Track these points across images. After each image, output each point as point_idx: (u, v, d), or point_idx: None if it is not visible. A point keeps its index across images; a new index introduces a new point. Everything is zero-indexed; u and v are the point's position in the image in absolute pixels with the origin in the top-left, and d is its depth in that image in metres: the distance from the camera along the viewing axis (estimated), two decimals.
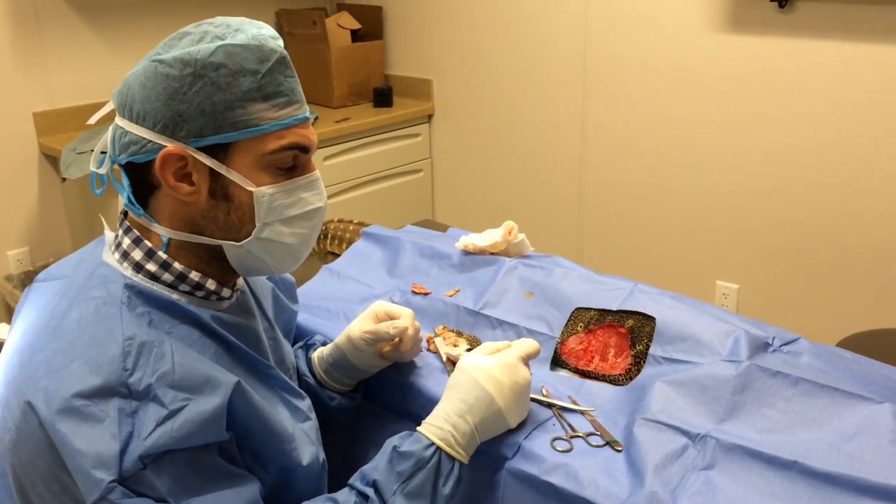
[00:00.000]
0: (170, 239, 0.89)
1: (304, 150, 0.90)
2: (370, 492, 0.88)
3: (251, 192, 0.87)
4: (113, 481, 0.74)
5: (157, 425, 0.77)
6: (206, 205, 0.87)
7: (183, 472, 0.78)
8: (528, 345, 1.02)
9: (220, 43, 0.84)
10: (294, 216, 0.90)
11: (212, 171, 0.86)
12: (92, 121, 1.02)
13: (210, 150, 0.85)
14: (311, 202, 0.92)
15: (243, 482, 0.84)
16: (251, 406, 0.86)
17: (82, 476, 0.74)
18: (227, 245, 0.90)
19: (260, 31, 0.88)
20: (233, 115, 0.84)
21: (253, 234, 0.89)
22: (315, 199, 0.93)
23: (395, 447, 0.91)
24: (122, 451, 0.75)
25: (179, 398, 0.79)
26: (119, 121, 0.88)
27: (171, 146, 0.84)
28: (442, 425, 0.93)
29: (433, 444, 0.91)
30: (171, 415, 0.78)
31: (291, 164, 0.90)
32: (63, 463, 0.75)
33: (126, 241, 0.89)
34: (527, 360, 1.01)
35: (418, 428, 0.94)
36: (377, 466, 0.90)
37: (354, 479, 0.91)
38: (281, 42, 0.89)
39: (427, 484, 0.89)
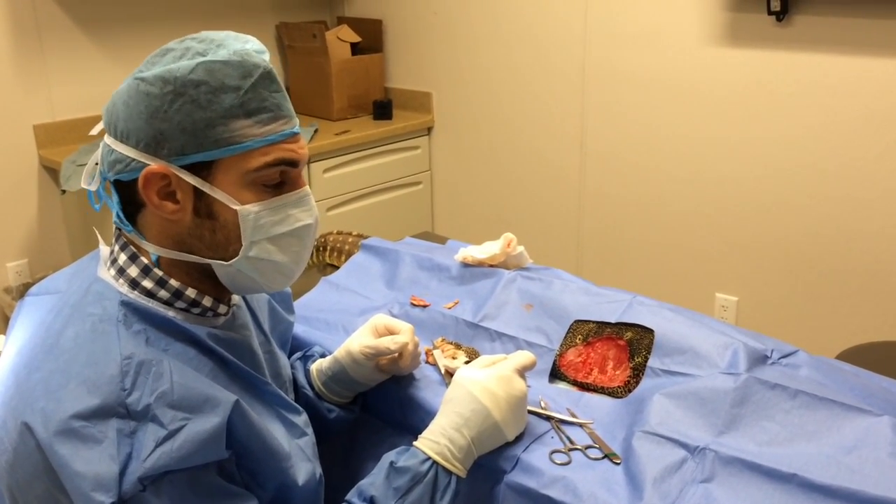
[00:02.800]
0: (159, 256, 0.88)
1: (292, 164, 0.88)
2: None
3: (236, 210, 0.86)
4: (112, 503, 0.73)
5: (157, 446, 0.76)
6: (192, 223, 0.86)
7: (182, 492, 0.78)
8: (523, 357, 1.02)
9: (201, 60, 0.83)
10: (282, 234, 0.89)
11: (196, 190, 0.85)
12: (94, 131, 1.01)
13: (193, 168, 0.84)
14: (299, 219, 0.90)
15: (241, 501, 0.83)
16: (250, 424, 0.85)
17: (81, 498, 0.73)
18: (216, 264, 0.89)
19: (244, 46, 0.87)
20: (214, 133, 0.83)
21: (241, 252, 0.88)
22: (304, 216, 0.90)
23: (391, 462, 0.91)
24: (122, 473, 0.74)
25: (178, 418, 0.78)
26: (106, 138, 0.87)
27: (153, 165, 0.83)
28: (438, 439, 0.93)
29: (429, 458, 0.91)
30: (171, 435, 0.77)
31: (279, 181, 0.88)
32: (61, 484, 0.75)
33: (122, 258, 0.89)
34: (522, 371, 1.01)
35: (415, 443, 0.94)
36: (374, 482, 0.90)
37: (352, 495, 0.91)
38: (267, 56, 0.88)
39: (424, 498, 0.89)
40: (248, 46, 0.87)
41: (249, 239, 0.87)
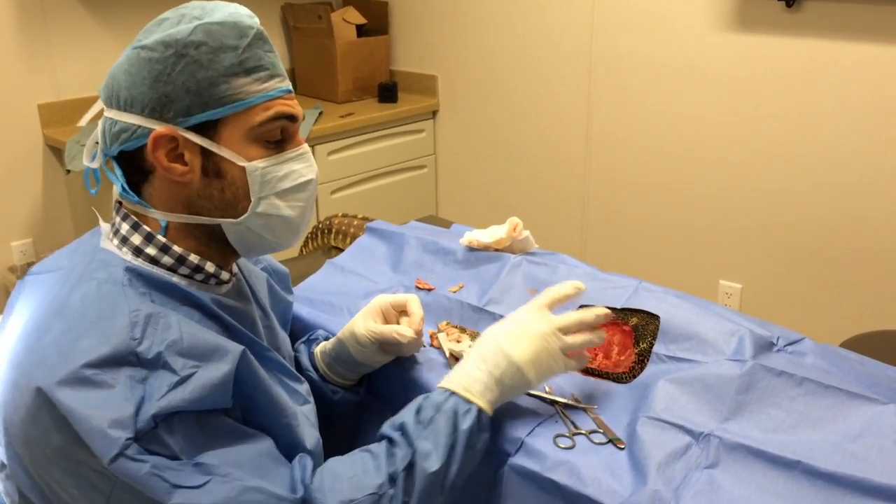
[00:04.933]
0: (168, 223, 0.90)
1: (291, 119, 0.91)
2: (396, 435, 0.91)
3: (243, 167, 0.88)
4: (129, 439, 0.74)
5: (169, 389, 0.78)
6: (201, 184, 0.89)
7: (192, 430, 0.79)
8: (553, 292, 1.04)
9: (199, 22, 0.86)
10: (287, 188, 0.91)
11: (203, 150, 0.87)
12: (82, 122, 1.03)
13: (199, 129, 0.87)
14: (303, 174, 0.93)
15: (256, 439, 0.85)
16: (256, 377, 0.87)
17: (98, 436, 0.74)
18: (226, 223, 0.91)
19: (236, 10, 0.90)
20: (218, 91, 0.86)
21: (249, 209, 0.90)
22: (307, 171, 0.93)
23: (420, 402, 0.95)
24: (136, 412, 0.76)
25: (189, 365, 0.80)
26: (108, 112, 0.89)
27: (160, 128, 0.86)
28: (457, 375, 0.97)
29: (448, 390, 0.95)
30: (183, 381, 0.79)
31: (280, 137, 0.91)
32: (75, 435, 0.75)
33: (124, 227, 0.90)
34: (554, 305, 1.03)
35: (438, 384, 0.98)
36: (404, 414, 0.94)
37: (385, 427, 0.94)
38: (257, 20, 0.91)
39: (448, 424, 0.91)
40: (240, 10, 0.90)
41: (258, 195, 0.89)
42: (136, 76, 0.86)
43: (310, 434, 0.94)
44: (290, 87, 0.92)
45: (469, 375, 0.96)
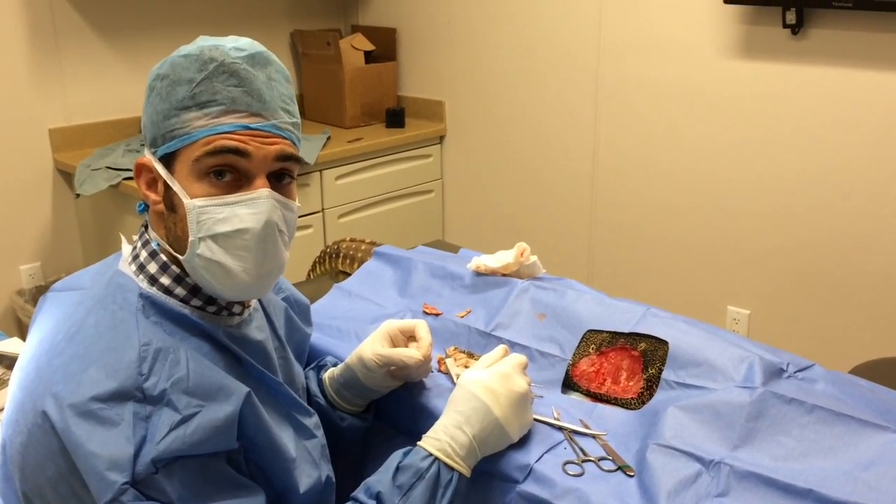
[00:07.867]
0: (159, 244, 0.90)
1: (237, 152, 0.84)
2: (372, 503, 0.89)
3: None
4: (126, 483, 0.74)
5: (171, 430, 0.77)
6: (166, 215, 0.89)
7: (192, 478, 0.79)
8: (519, 357, 1.04)
9: (176, 54, 0.87)
10: (222, 233, 0.85)
11: (165, 182, 0.88)
12: None
13: (164, 161, 0.88)
14: (242, 221, 0.85)
15: (250, 493, 0.84)
16: (259, 418, 0.86)
17: (95, 478, 0.74)
18: (182, 259, 0.88)
19: (221, 43, 0.87)
20: (168, 124, 0.86)
21: (188, 248, 0.86)
22: (248, 219, 0.85)
23: (397, 461, 0.92)
24: (136, 455, 0.75)
25: (193, 404, 0.80)
26: None
27: (142, 157, 0.90)
28: (440, 436, 0.94)
29: (431, 455, 0.92)
30: (185, 420, 0.78)
31: (230, 175, 0.85)
32: (73, 466, 0.75)
33: (143, 254, 0.91)
34: (523, 370, 1.02)
35: (419, 442, 0.95)
36: (381, 479, 0.91)
37: (359, 492, 0.91)
38: (249, 53, 0.87)
39: (426, 494, 0.89)
40: (226, 44, 0.87)
41: (195, 234, 0.86)
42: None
43: (308, 473, 0.94)
44: (262, 125, 0.86)
45: (453, 439, 0.93)
